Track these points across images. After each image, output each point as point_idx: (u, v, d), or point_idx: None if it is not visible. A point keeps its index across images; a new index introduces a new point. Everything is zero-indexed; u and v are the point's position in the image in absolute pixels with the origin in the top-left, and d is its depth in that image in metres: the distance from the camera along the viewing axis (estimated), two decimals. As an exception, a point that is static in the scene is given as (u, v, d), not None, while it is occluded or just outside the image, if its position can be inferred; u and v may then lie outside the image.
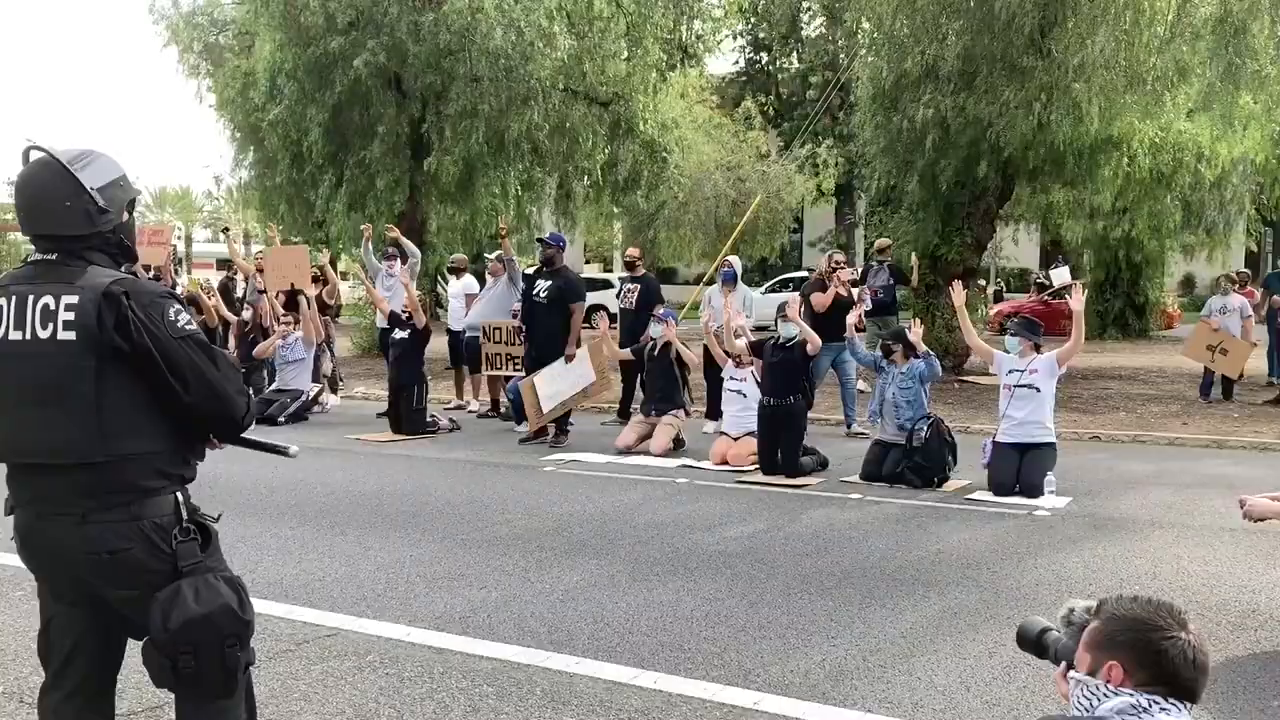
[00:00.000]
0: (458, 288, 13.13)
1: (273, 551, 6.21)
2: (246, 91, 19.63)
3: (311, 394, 12.28)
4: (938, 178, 14.30)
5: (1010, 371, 7.99)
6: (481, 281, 13.26)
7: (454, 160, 17.95)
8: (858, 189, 32.98)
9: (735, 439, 9.11)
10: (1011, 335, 8.14)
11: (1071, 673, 2.15)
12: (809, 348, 8.59)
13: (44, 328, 2.55)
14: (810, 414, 8.95)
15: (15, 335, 2.58)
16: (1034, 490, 7.57)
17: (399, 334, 11.18)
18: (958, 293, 8.54)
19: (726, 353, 9.51)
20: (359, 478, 8.57)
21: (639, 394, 10.94)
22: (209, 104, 22.82)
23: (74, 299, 2.55)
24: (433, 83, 17.94)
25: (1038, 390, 7.85)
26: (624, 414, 11.32)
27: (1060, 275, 20.04)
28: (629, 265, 12.13)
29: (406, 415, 10.85)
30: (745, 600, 5.24)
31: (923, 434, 8.06)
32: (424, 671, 4.28)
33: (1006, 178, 15.13)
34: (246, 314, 13.53)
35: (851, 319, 9.36)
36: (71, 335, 2.53)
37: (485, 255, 13.42)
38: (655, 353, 9.97)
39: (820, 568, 5.85)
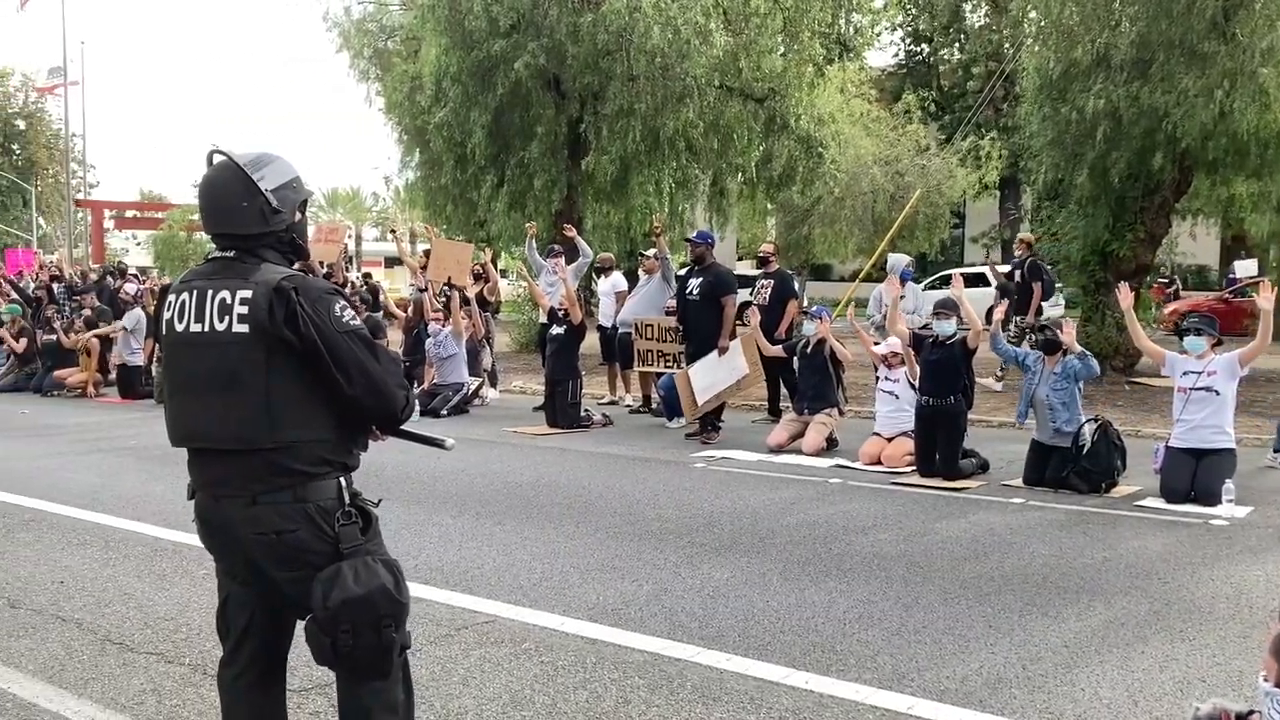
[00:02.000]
0: (606, 286, 13.32)
1: (434, 539, 6.42)
2: (413, 95, 20.31)
3: (472, 387, 12.65)
4: (1109, 171, 13.68)
5: (1185, 373, 7.60)
6: (631, 279, 13.39)
7: (610, 159, 18.15)
8: (1023, 183, 31.82)
9: (889, 440, 8.94)
10: (1194, 335, 7.72)
11: (1261, 683, 2.11)
12: (970, 342, 8.37)
13: (220, 321, 2.69)
14: (970, 414, 8.70)
15: (195, 328, 2.73)
16: (1211, 498, 7.18)
17: (555, 330, 11.41)
18: (1124, 294, 8.16)
19: (882, 356, 9.34)
20: (515, 469, 8.78)
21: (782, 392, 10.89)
22: (378, 107, 23.75)
23: (248, 294, 2.68)
24: (590, 83, 18.18)
25: (1216, 393, 7.45)
26: (775, 412, 11.26)
27: (1246, 268, 18.89)
28: (763, 261, 12.02)
29: (561, 410, 11.06)
30: (900, 603, 5.15)
31: (1090, 437, 7.74)
32: (577, 661, 4.36)
33: (1184, 170, 14.35)
34: (409, 310, 14.01)
35: (998, 314, 9.04)
36: (245, 328, 2.67)
37: (640, 253, 13.53)
38: (808, 350, 9.87)
39: (979, 573, 5.69)
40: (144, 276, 20.07)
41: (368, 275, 31.09)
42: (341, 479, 2.78)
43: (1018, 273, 13.72)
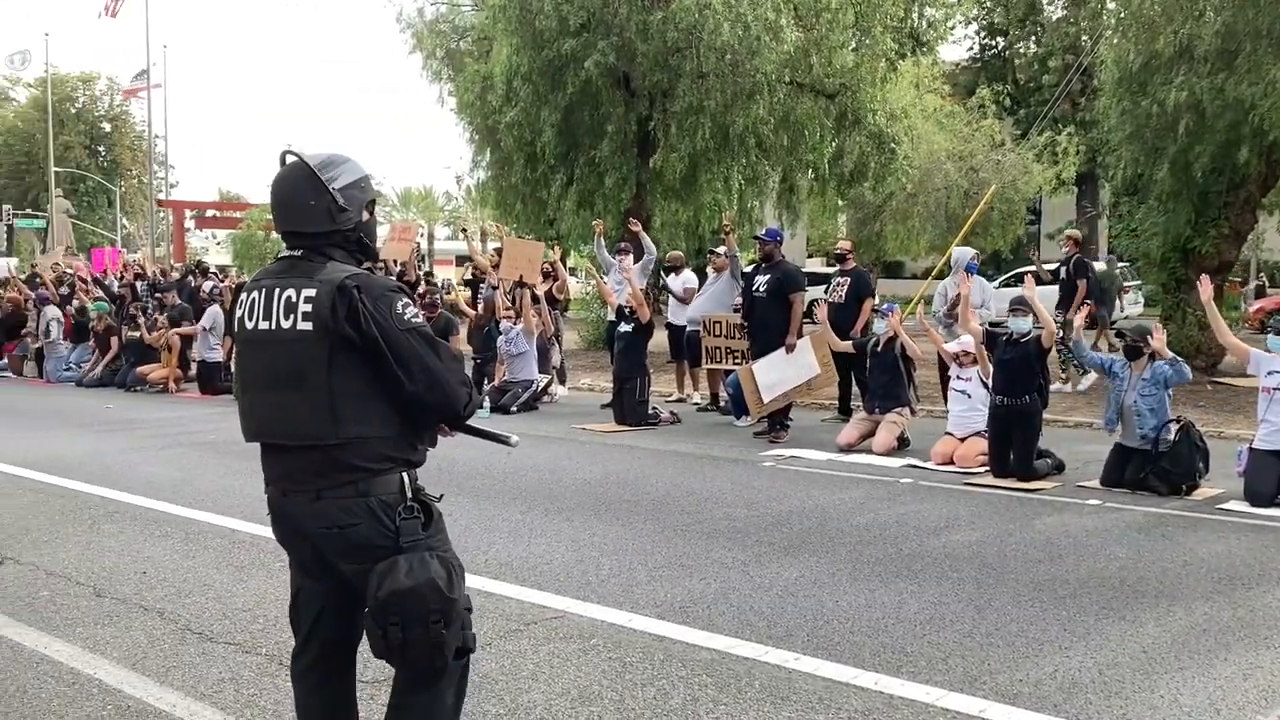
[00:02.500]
0: (676, 283, 13.30)
1: (504, 534, 6.48)
2: (485, 95, 20.49)
3: (541, 384, 12.74)
4: (1191, 165, 13.32)
5: (1271, 373, 7.37)
6: (701, 276, 13.36)
7: (679, 157, 18.14)
8: (1101, 178, 31.16)
9: (961, 440, 8.82)
10: (1276, 334, 7.51)
11: None
12: (1045, 341, 8.21)
13: (286, 319, 2.75)
14: (1045, 414, 8.53)
15: (263, 325, 2.80)
16: (1298, 502, 6.96)
17: (624, 328, 11.44)
18: (1204, 286, 7.90)
19: (954, 353, 9.21)
20: (584, 466, 8.82)
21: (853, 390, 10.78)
22: (450, 107, 24.00)
23: (312, 292, 2.73)
24: (660, 80, 18.19)
25: (1304, 393, 7.21)
26: (845, 411, 11.17)
27: None
28: (839, 258, 11.92)
29: (629, 407, 11.08)
30: (972, 605, 5.07)
31: (1170, 438, 7.55)
32: (645, 658, 4.37)
33: (1271, 163, 13.92)
34: (480, 308, 14.14)
35: (1078, 320, 8.80)
36: (309, 326, 2.72)
37: (709, 250, 13.50)
38: (879, 348, 9.76)
39: (1054, 575, 5.58)
40: (223, 275, 20.54)
41: (428, 274, 31.47)
42: (404, 474, 2.81)
43: (1063, 269, 13.46)
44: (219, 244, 54.79)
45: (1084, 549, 6.14)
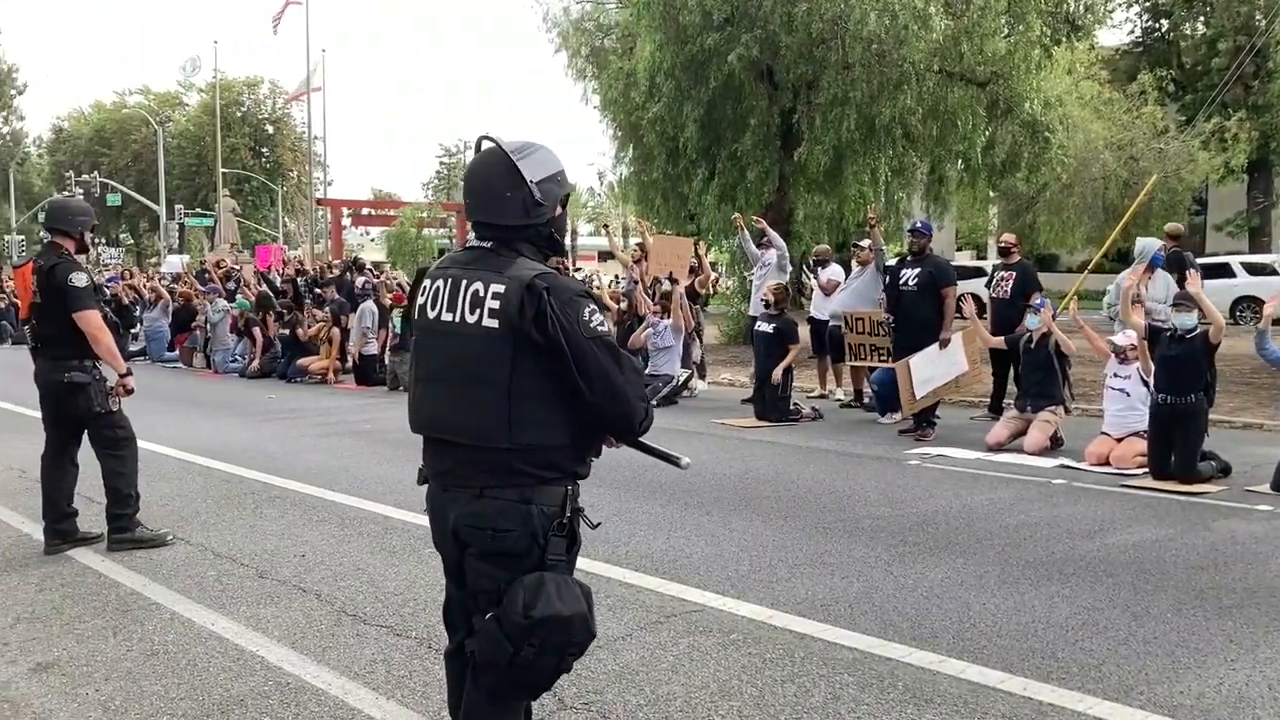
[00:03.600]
0: (823, 277, 13.14)
1: (644, 527, 6.53)
2: (628, 91, 20.67)
3: (681, 379, 12.78)
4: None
5: None
6: (847, 270, 13.18)
7: (824, 149, 17.94)
8: (1276, 165, 29.47)
9: (1118, 440, 8.46)
10: None
11: None
12: (1212, 337, 7.81)
13: (471, 313, 2.65)
14: (1211, 414, 8.11)
15: (446, 317, 2.70)
16: None
17: (763, 327, 11.34)
18: None
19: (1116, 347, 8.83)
20: (724, 461, 8.81)
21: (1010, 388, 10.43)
22: (593, 105, 24.32)
23: (500, 288, 2.62)
24: (804, 73, 18.02)
25: None
26: (996, 409, 10.85)
27: None
28: (1004, 251, 11.54)
29: (771, 402, 11.02)
30: (1128, 612, 4.86)
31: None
32: (786, 655, 4.34)
33: None
34: (623, 304, 14.26)
35: (1269, 310, 8.27)
36: (495, 323, 2.61)
37: (853, 244, 13.30)
38: (1032, 344, 9.44)
39: (1218, 583, 5.31)
40: (379, 271, 21.26)
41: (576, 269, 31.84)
42: (569, 487, 2.72)
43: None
44: (373, 240, 56.84)
45: (1252, 557, 5.81)
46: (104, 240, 59.85)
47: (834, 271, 13.12)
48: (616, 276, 31.80)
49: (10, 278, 24.60)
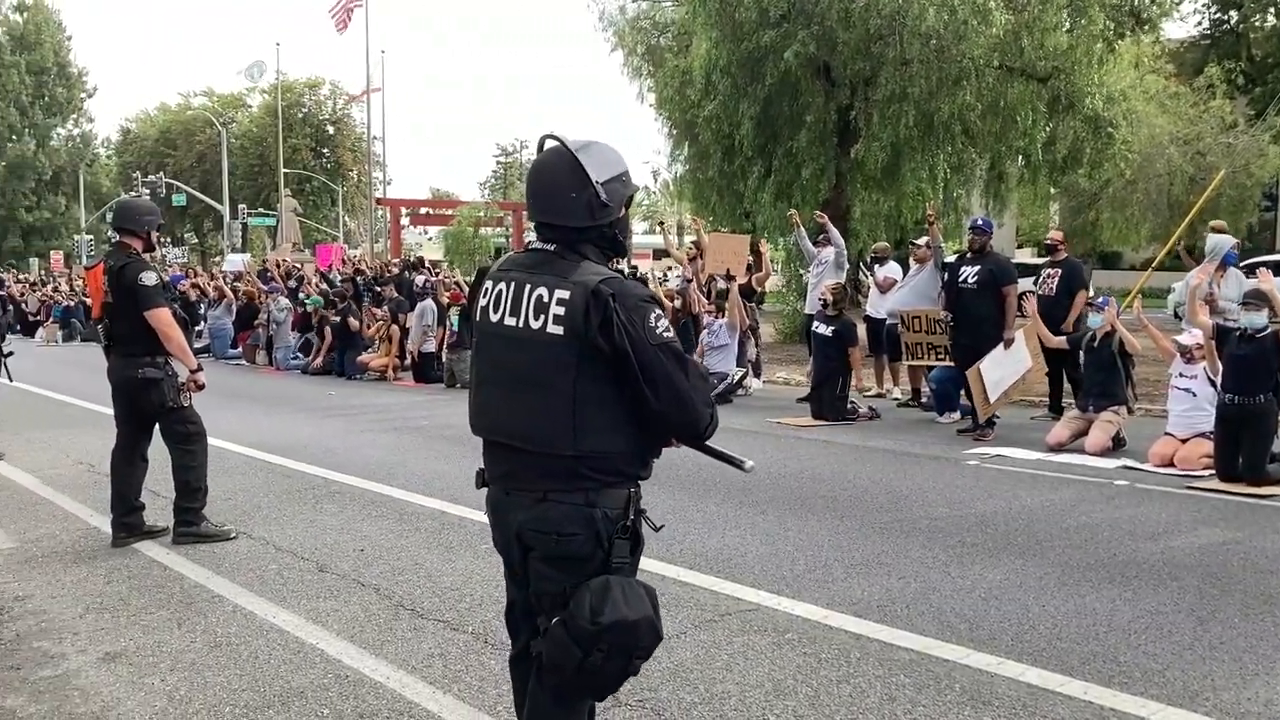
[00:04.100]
0: (879, 275, 13.02)
1: (698, 525, 6.52)
2: (684, 89, 20.66)
3: (736, 377, 12.74)
4: None
5: None
6: (904, 268, 13.05)
7: (881, 146, 17.80)
8: (1350, 160, 28.63)
9: (1183, 440, 8.28)
10: None
11: None
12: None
13: (535, 319, 2.61)
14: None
15: (510, 321, 2.66)
16: None
17: (820, 329, 11.27)
18: None
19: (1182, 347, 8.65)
20: (779, 460, 8.78)
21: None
22: (649, 103, 24.32)
23: (565, 294, 2.58)
24: (861, 69, 17.89)
25: None
26: (1056, 408, 10.68)
27: None
28: (1050, 249, 11.31)
29: (827, 401, 10.94)
30: (1193, 616, 4.77)
31: None
32: (841, 655, 4.32)
33: None
34: (677, 302, 14.25)
35: None
36: (559, 330, 2.57)
37: (910, 241, 13.17)
38: (1094, 343, 9.29)
39: (1288, 589, 5.18)
40: (436, 270, 21.48)
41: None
42: (632, 490, 2.69)
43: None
44: (430, 240, 57.38)
45: (1324, 562, 5.67)
46: (169, 239, 61.16)
47: (891, 269, 12.99)
48: (665, 272, 31.82)
49: (82, 277, 25.22)
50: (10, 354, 9.83)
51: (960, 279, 10.04)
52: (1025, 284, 10.79)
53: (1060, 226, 24.63)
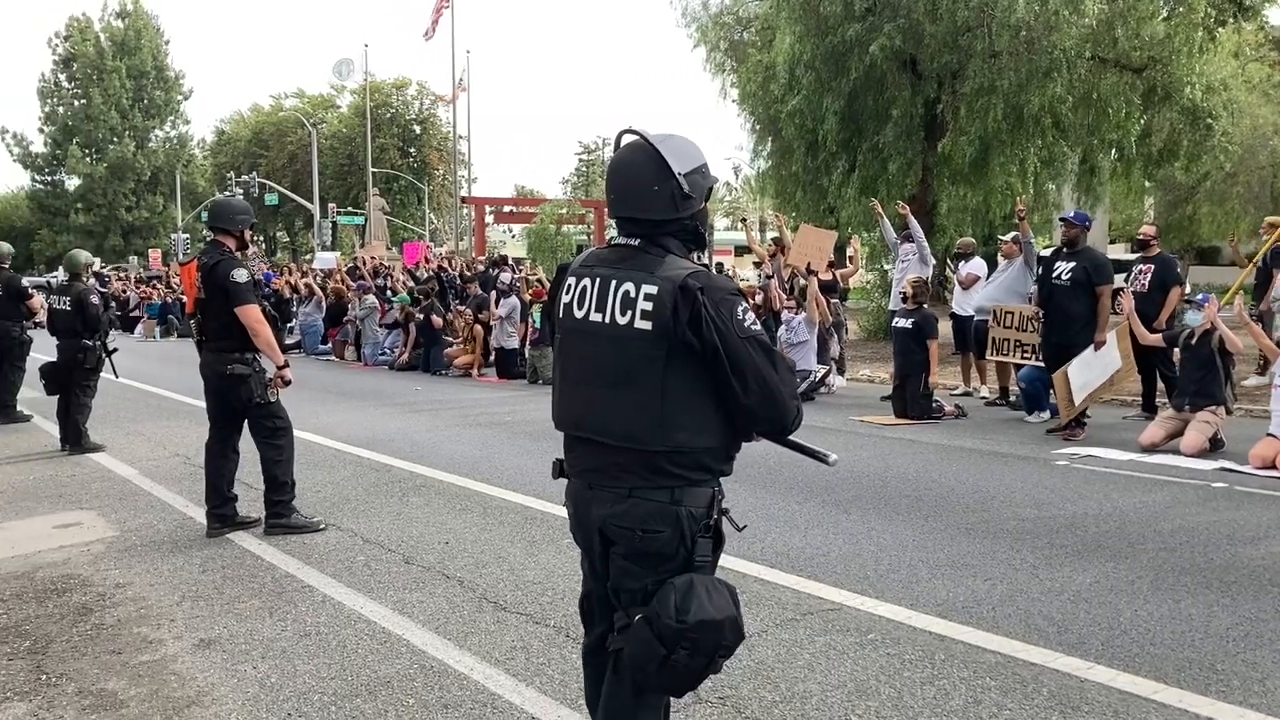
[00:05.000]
0: (963, 272, 12.78)
1: (780, 523, 6.49)
2: (766, 85, 20.56)
3: (819, 375, 12.64)
4: None
5: None
6: (991, 264, 12.80)
7: (969, 140, 17.51)
8: None
9: (1288, 442, 8.00)
10: None
11: None
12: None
13: (622, 315, 2.60)
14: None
15: (596, 317, 2.66)
16: None
17: (901, 323, 11.12)
18: None
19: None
20: (863, 459, 8.68)
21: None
22: (731, 99, 24.26)
23: (652, 289, 2.57)
24: (948, 62, 17.61)
25: None
26: (1149, 408, 10.38)
27: None
28: (1142, 244, 10.94)
29: (912, 399, 10.79)
30: (1296, 624, 4.60)
31: None
32: (925, 656, 4.26)
33: None
34: (759, 299, 14.18)
35: None
36: (647, 325, 2.56)
37: (998, 237, 12.91)
38: (1192, 341, 9.00)
39: (1398, 597, 4.97)
40: (520, 267, 21.68)
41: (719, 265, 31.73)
42: (715, 488, 2.69)
43: (1264, 258, 11.94)
44: (514, 237, 57.96)
45: None
46: (261, 238, 62.75)
47: (975, 266, 12.73)
48: (737, 268, 31.65)
49: (177, 274, 26.02)
50: (115, 350, 10.19)
51: (1054, 275, 9.77)
52: (1122, 279, 10.50)
53: (1155, 221, 23.95)
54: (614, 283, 2.65)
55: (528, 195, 67.87)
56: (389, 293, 19.67)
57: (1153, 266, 10.42)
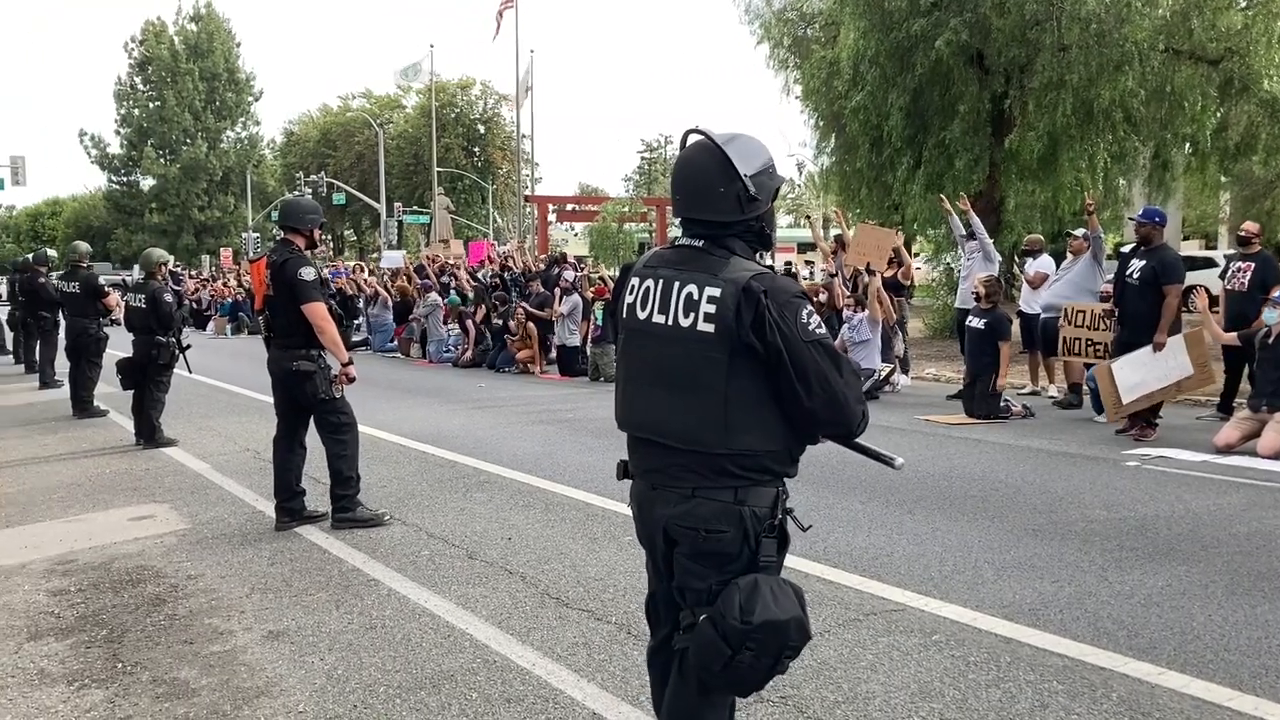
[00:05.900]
0: (1030, 270, 12.56)
1: (844, 523, 6.44)
2: (830, 80, 20.39)
3: (883, 373, 12.52)
4: None
5: None
6: (1058, 261, 12.57)
7: (1037, 135, 17.23)
8: None
9: (1371, 444, 7.75)
10: None
11: None
12: None
13: (685, 317, 2.59)
14: None
15: (658, 319, 2.65)
16: None
17: (973, 322, 10.96)
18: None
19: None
20: (928, 459, 8.58)
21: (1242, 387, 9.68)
22: (795, 95, 24.11)
23: (716, 292, 2.56)
24: (1016, 56, 17.34)
25: None
26: (1225, 408, 10.12)
27: None
28: (1244, 241, 10.60)
29: (980, 398, 10.64)
30: (1378, 632, 4.46)
31: None
32: (990, 658, 4.20)
33: None
34: (822, 297, 14.08)
35: None
36: (710, 328, 2.55)
37: (1067, 233, 12.67)
38: (1270, 340, 8.77)
39: None
40: (583, 265, 21.77)
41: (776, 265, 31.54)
42: (780, 489, 2.67)
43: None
44: (576, 235, 58.20)
45: None
46: (329, 236, 63.76)
47: (1043, 263, 12.49)
48: (789, 264, 31.45)
49: (247, 271, 26.52)
50: (189, 346, 10.43)
51: (1127, 273, 9.56)
52: (1194, 278, 10.22)
53: (1232, 217, 23.35)
54: (677, 284, 2.63)
55: (591, 193, 68.12)
56: (452, 291, 19.88)
57: (1253, 264, 10.03)
